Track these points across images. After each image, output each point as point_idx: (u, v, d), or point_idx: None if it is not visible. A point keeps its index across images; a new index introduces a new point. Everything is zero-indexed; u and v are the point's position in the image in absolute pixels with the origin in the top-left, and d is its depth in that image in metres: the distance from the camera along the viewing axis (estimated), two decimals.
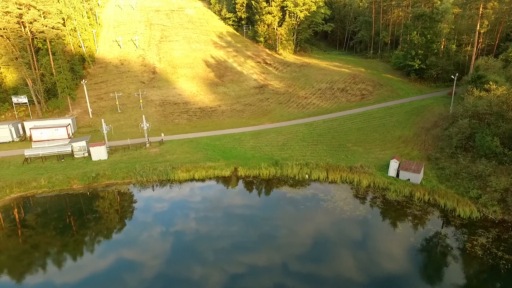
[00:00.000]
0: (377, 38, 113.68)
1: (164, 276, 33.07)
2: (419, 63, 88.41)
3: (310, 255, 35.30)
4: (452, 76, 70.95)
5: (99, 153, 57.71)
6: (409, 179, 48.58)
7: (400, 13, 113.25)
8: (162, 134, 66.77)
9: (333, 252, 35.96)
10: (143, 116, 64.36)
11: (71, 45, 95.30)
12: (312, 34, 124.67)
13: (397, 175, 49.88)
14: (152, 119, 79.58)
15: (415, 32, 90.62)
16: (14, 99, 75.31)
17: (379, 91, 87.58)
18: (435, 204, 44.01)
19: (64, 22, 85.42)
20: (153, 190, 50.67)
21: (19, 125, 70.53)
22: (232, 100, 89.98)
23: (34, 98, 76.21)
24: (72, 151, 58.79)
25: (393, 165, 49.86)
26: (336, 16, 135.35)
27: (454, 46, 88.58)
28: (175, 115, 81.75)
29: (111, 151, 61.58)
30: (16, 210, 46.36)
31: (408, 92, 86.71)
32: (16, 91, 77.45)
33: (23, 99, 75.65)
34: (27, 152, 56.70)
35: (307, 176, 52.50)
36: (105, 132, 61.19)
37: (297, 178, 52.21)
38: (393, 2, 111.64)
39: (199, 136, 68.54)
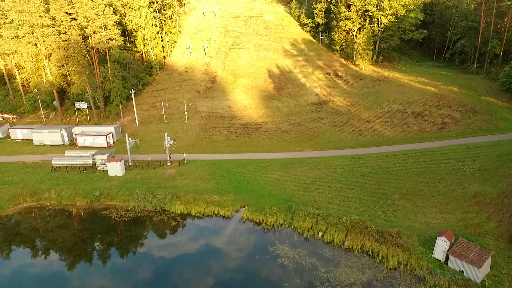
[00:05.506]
0: (484, 48, 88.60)
1: None
2: None
3: None
4: None
5: (114, 169, 56.29)
6: (462, 271, 32.61)
7: None
8: (184, 154, 62.32)
9: None
10: (166, 134, 60.81)
11: (143, 52, 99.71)
12: (399, 42, 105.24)
13: (446, 259, 34.21)
14: (192, 132, 76.51)
15: None
16: (76, 104, 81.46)
17: (469, 120, 66.63)
18: None
19: (125, 31, 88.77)
20: (138, 221, 45.95)
21: (72, 130, 75.20)
22: (281, 117, 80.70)
23: (92, 104, 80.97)
24: (94, 163, 58.83)
25: (441, 245, 34.29)
26: (437, 20, 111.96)
27: None
28: (216, 130, 76.86)
29: (133, 166, 59.84)
30: (19, 220, 47.39)
31: None
32: (83, 97, 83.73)
33: (83, 105, 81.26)
34: (54, 161, 58.78)
35: (319, 235, 40.68)
36: (128, 146, 59.70)
37: (305, 235, 40.82)
38: None
39: (225, 159, 61.87)
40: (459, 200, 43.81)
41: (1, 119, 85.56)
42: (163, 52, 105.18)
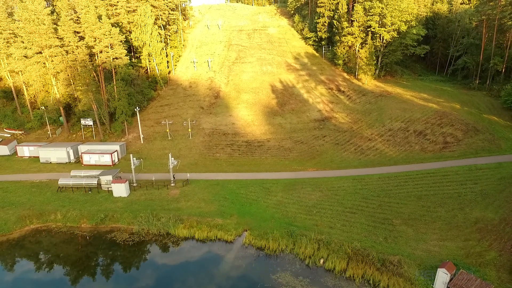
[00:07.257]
0: (486, 65, 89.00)
1: None
2: None
3: None
4: None
5: (119, 190, 57.15)
6: None
7: None
8: (188, 174, 63.09)
9: None
10: (170, 154, 61.68)
11: (148, 68, 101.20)
12: (401, 57, 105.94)
13: None
14: (195, 150, 77.35)
15: None
16: (82, 121, 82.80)
17: (471, 139, 66.89)
18: None
19: (132, 48, 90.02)
20: (142, 245, 46.61)
21: (78, 147, 76.35)
22: (284, 134, 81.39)
23: (97, 121, 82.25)
24: (99, 183, 59.76)
25: (442, 277, 34.58)
26: (439, 34, 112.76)
27: None
28: (219, 148, 77.67)
29: (137, 186, 60.69)
30: (26, 243, 48.24)
31: None
32: (88, 114, 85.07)
33: (89, 122, 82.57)
34: (61, 181, 59.78)
35: (321, 261, 41.07)
36: (133, 167, 60.62)
37: (307, 262, 41.22)
38: None
39: (228, 179, 62.51)
40: (460, 227, 44.02)
41: (9, 135, 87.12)
42: (168, 67, 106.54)
